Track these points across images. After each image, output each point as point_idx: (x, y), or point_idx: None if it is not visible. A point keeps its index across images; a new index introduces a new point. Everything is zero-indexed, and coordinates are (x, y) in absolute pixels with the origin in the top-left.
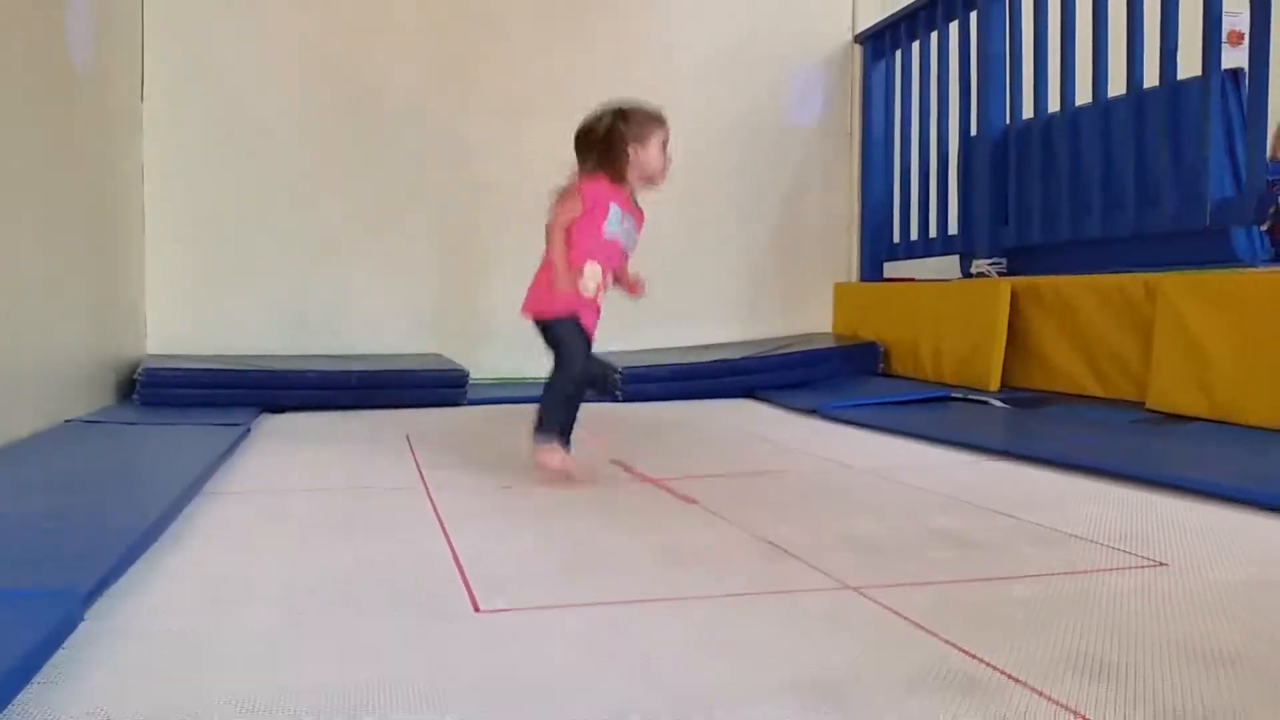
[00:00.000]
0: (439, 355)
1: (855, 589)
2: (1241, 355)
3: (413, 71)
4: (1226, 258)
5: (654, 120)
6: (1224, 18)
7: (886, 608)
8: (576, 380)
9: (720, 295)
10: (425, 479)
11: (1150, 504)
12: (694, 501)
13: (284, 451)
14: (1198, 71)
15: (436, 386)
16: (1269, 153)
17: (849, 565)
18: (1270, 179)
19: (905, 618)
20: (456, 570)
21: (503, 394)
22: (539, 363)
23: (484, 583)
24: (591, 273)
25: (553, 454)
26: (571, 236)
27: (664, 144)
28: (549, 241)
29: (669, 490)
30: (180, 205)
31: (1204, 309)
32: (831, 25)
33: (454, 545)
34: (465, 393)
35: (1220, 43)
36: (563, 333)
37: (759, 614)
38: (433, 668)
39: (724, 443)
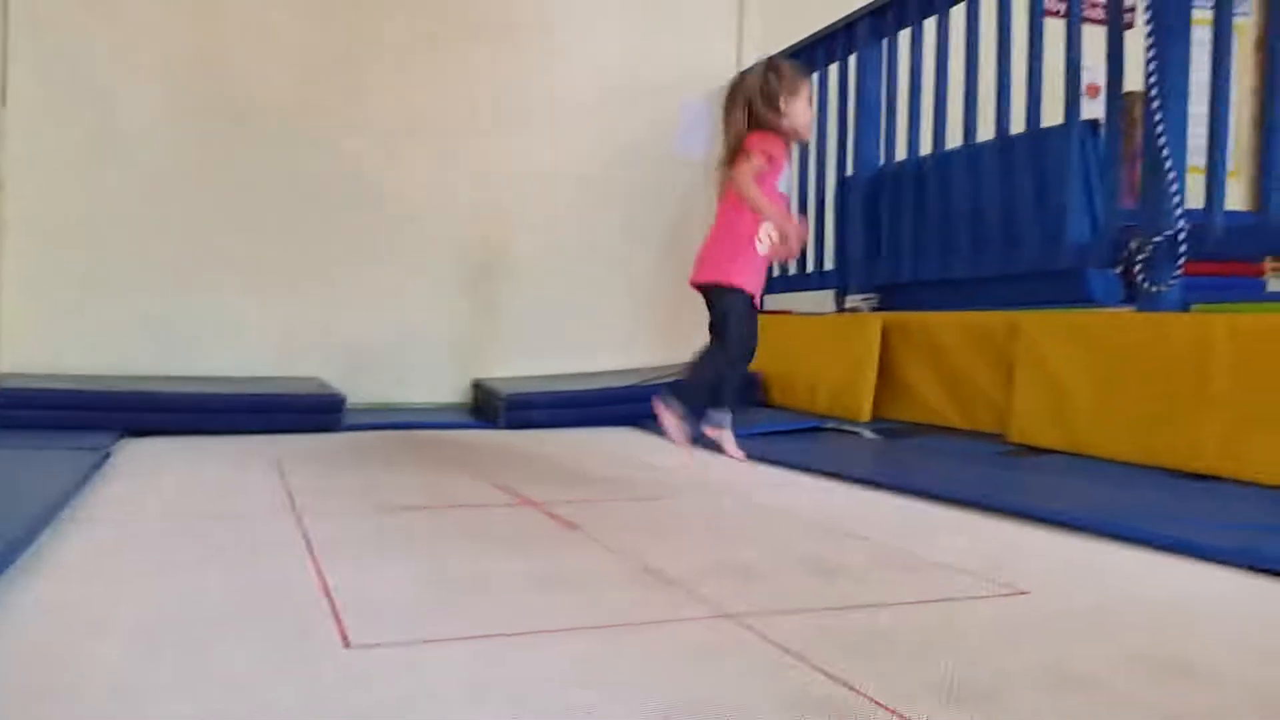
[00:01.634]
0: (315, 379)
1: (731, 617)
2: (1096, 391)
3: (292, 85)
4: (1083, 298)
5: (801, 74)
6: (1083, 71)
7: (761, 635)
8: (734, 361)
9: (607, 323)
10: (296, 506)
11: (1011, 534)
12: (576, 527)
13: (147, 477)
14: (1060, 120)
15: (311, 411)
16: None
17: (726, 593)
18: (1124, 224)
19: (779, 645)
20: (326, 602)
21: (381, 420)
22: (418, 389)
23: (355, 615)
24: (796, 229)
25: (677, 425)
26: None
27: (810, 99)
28: (736, 200)
29: (551, 515)
30: (40, 217)
31: (1062, 346)
32: (718, 61)
33: (324, 576)
34: (341, 419)
35: (1080, 94)
36: (737, 306)
37: (636, 643)
38: (299, 706)
39: (608, 470)
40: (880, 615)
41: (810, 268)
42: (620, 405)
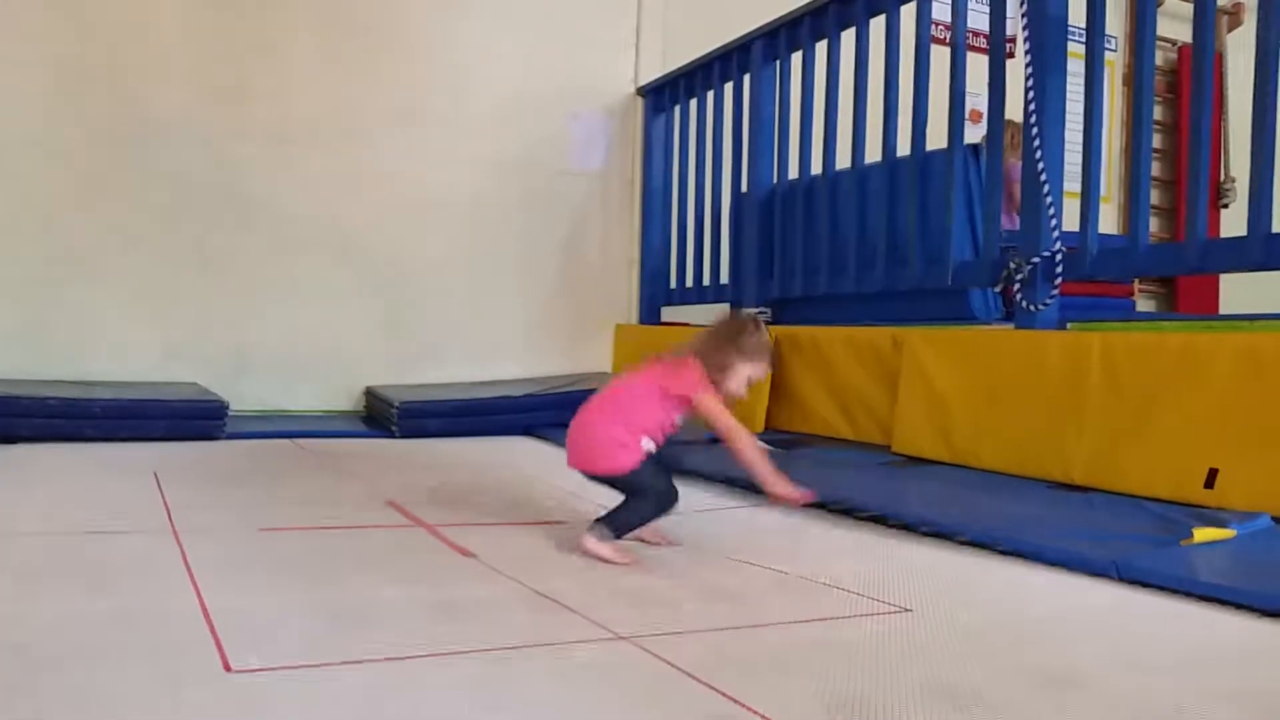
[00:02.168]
0: (195, 385)
1: (627, 639)
2: (976, 405)
3: (177, 89)
4: (965, 315)
5: (766, 354)
6: (966, 97)
7: (657, 657)
8: (664, 508)
9: (503, 332)
10: (174, 522)
11: (896, 548)
12: (469, 550)
13: (16, 488)
14: (944, 144)
15: (191, 418)
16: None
17: (621, 616)
18: (1003, 245)
19: (674, 666)
20: (206, 625)
21: (265, 428)
22: (304, 395)
23: (237, 639)
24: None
25: (616, 549)
26: (651, 398)
27: (751, 379)
28: (661, 388)
29: (445, 538)
30: None
31: (943, 361)
32: (616, 76)
33: (204, 597)
34: (224, 425)
35: (964, 119)
36: (642, 474)
37: (529, 666)
38: None
39: (502, 482)
40: (772, 635)
41: (707, 281)
42: (516, 414)
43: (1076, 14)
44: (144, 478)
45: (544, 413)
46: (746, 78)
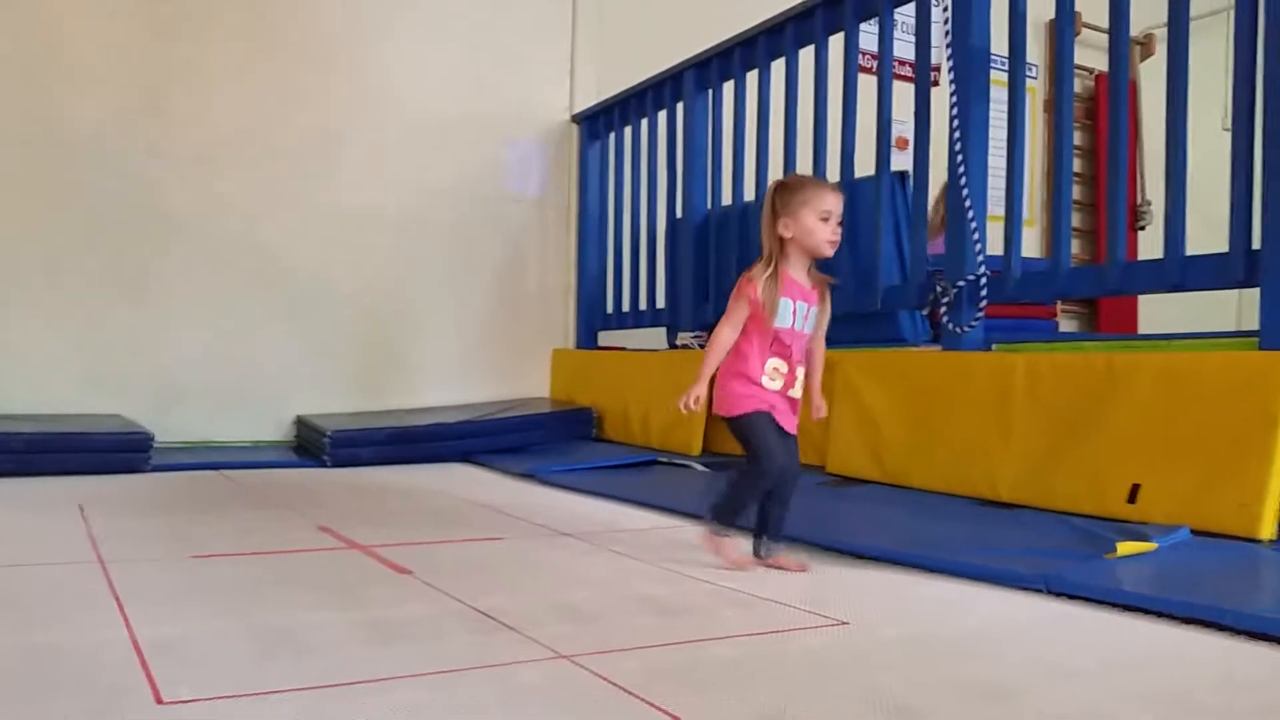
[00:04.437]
0: (118, 416)
1: (568, 658)
2: (907, 425)
3: (95, 106)
4: (894, 337)
5: (811, 185)
6: (893, 124)
7: (597, 675)
8: (769, 474)
9: (439, 359)
10: (100, 553)
11: (833, 564)
12: (408, 571)
13: None
14: (872, 170)
15: (115, 451)
16: (930, 237)
17: (561, 634)
18: (929, 269)
19: (615, 684)
20: (136, 656)
21: (192, 459)
22: (232, 426)
23: (168, 670)
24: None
25: (725, 546)
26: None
27: (824, 210)
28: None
29: (381, 559)
30: None
31: (874, 383)
32: (550, 102)
33: (133, 627)
34: (149, 458)
35: (890, 147)
36: (749, 426)
37: (470, 689)
38: None
39: (440, 508)
40: (712, 650)
41: (644, 305)
42: (452, 441)
43: (999, 44)
44: (68, 511)
45: (481, 439)
46: (680, 106)
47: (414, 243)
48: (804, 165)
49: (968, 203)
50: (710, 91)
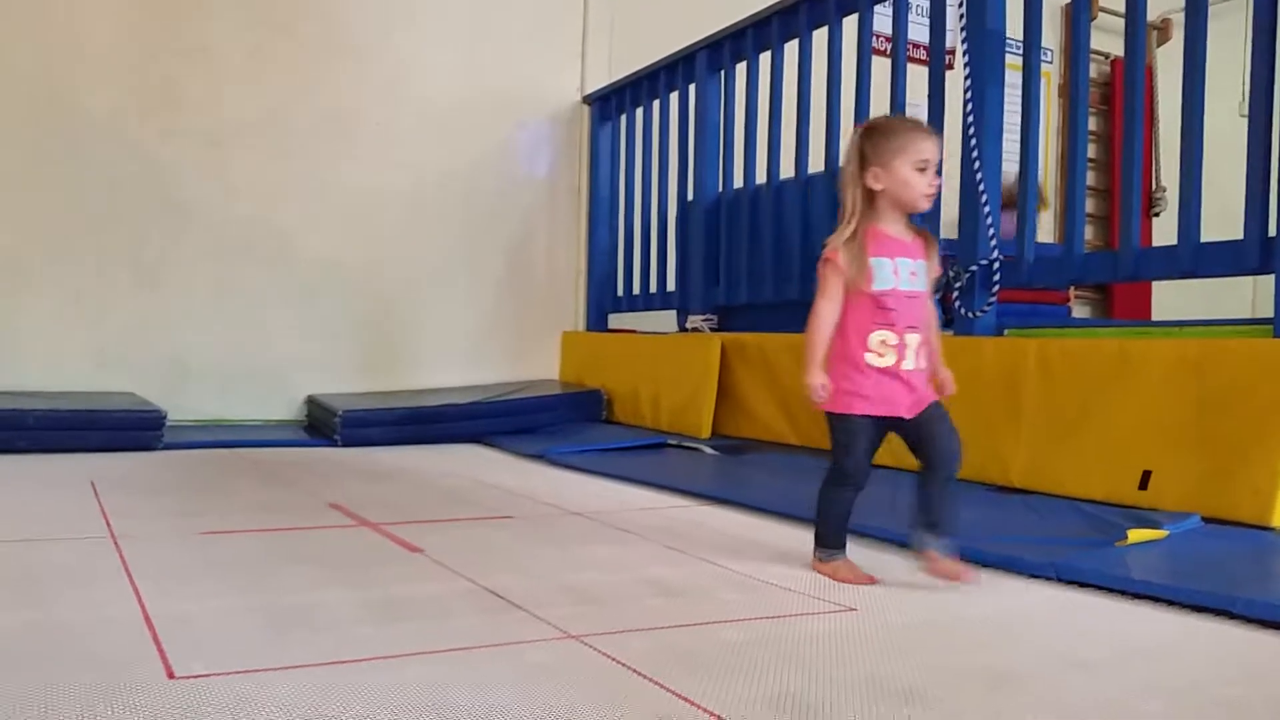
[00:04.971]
0: (131, 394)
1: (576, 638)
2: None
3: (111, 91)
4: None
5: (902, 128)
6: (907, 108)
7: (606, 655)
8: (843, 478)
9: (449, 340)
10: (114, 529)
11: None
12: (419, 550)
13: None
14: None
15: (128, 429)
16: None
17: (571, 614)
18: (943, 253)
19: (624, 665)
20: (148, 631)
21: (205, 438)
22: (244, 405)
23: (179, 645)
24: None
25: (839, 568)
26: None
27: (920, 158)
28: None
29: (392, 537)
30: None
31: None
32: (562, 84)
33: (145, 603)
34: (161, 436)
35: None
36: (834, 430)
37: (480, 668)
38: None
39: (451, 488)
40: (720, 633)
41: (654, 288)
42: (463, 422)
43: (1014, 27)
44: (81, 488)
45: (492, 420)
46: (692, 87)
47: (425, 225)
48: (817, 148)
49: (981, 187)
50: (722, 73)
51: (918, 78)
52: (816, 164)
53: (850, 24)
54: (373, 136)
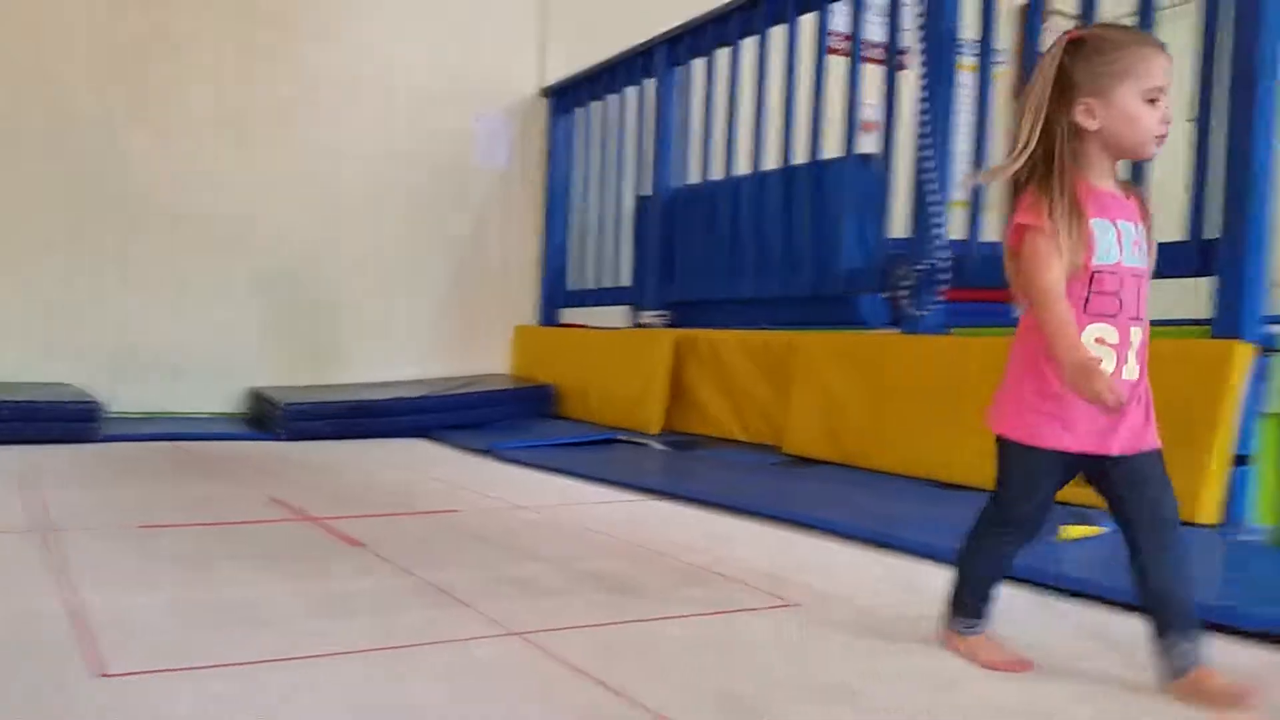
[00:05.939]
0: (69, 385)
1: (519, 634)
2: (864, 407)
3: (57, 71)
4: (855, 320)
5: (1127, 43)
6: (861, 108)
7: (549, 653)
8: (1006, 526)
9: (399, 333)
10: (46, 523)
11: (784, 544)
12: (360, 544)
13: None
14: (840, 152)
15: (64, 420)
16: None
17: (515, 610)
18: (890, 252)
19: (566, 662)
20: (78, 628)
21: (147, 430)
22: (187, 397)
23: (111, 641)
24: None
25: (982, 646)
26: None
27: (1149, 84)
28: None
29: (332, 531)
30: None
31: (834, 365)
32: (520, 75)
33: (76, 598)
34: (99, 428)
35: (858, 129)
36: (1003, 459)
37: (421, 666)
38: None
39: (396, 482)
40: (663, 628)
41: (608, 283)
42: (411, 416)
43: (970, 28)
44: (11, 480)
45: (439, 414)
46: (650, 82)
47: (376, 215)
48: (773, 145)
49: (932, 186)
50: (681, 68)
51: (873, 78)
52: (772, 161)
53: (809, 21)
54: (323, 124)
